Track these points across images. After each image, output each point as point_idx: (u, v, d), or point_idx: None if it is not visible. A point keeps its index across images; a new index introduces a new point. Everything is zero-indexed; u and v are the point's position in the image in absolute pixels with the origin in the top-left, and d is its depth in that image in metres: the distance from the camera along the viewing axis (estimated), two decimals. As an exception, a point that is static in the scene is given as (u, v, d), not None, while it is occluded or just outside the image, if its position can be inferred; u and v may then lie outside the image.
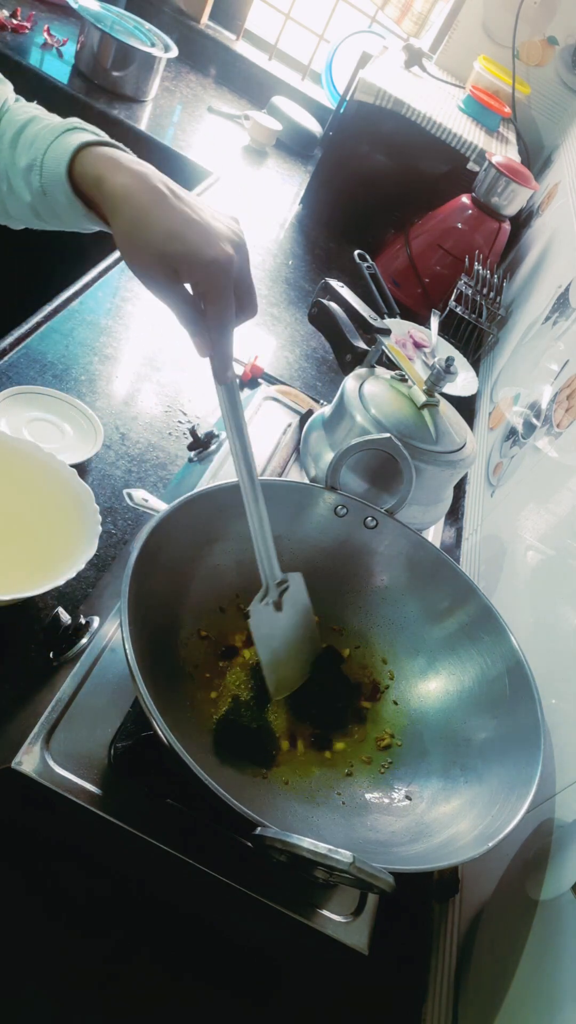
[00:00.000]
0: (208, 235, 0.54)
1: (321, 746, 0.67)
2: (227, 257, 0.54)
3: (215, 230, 0.55)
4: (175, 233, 0.53)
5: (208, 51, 2.22)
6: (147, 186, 0.55)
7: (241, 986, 0.63)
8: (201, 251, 0.53)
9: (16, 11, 1.85)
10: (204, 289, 0.55)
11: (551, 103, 2.02)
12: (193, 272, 0.54)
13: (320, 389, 1.32)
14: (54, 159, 0.58)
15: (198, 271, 0.54)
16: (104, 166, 0.56)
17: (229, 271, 0.54)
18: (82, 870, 0.62)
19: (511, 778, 0.59)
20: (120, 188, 0.55)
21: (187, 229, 0.54)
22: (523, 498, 1.01)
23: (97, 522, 0.74)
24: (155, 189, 0.55)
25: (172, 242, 0.53)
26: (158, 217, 0.54)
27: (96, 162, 0.57)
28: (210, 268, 0.54)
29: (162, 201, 0.54)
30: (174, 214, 0.54)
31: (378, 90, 1.60)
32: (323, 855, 0.44)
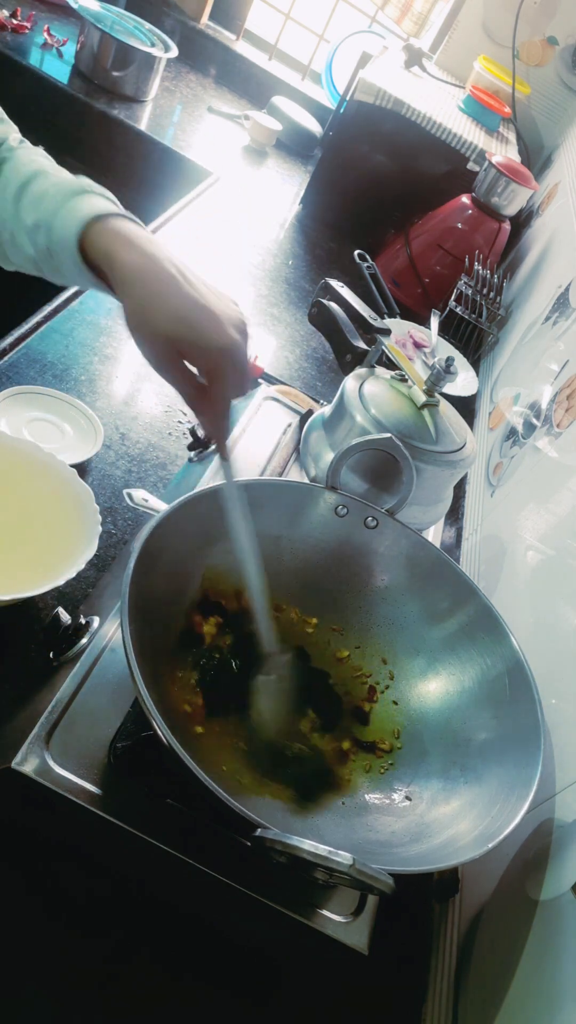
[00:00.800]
0: (215, 321, 0.55)
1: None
2: (234, 343, 0.56)
3: (222, 315, 0.56)
4: (185, 318, 0.54)
5: (208, 51, 2.22)
6: (158, 268, 0.55)
7: (241, 986, 0.63)
8: (209, 337, 0.55)
9: (16, 11, 1.85)
10: (209, 373, 0.57)
11: (551, 103, 2.02)
12: (199, 357, 0.56)
13: (320, 389, 1.32)
14: (64, 226, 0.58)
15: (204, 356, 0.56)
16: (116, 243, 0.57)
17: (235, 356, 0.56)
18: (82, 870, 0.62)
19: (511, 778, 0.59)
20: (131, 268, 0.55)
21: (196, 314, 0.55)
22: (523, 498, 1.01)
23: (97, 522, 0.74)
24: (165, 271, 0.55)
25: (181, 327, 0.54)
26: (167, 301, 0.54)
27: (108, 238, 0.57)
28: (217, 354, 0.55)
29: (172, 284, 0.55)
30: (183, 298, 0.55)
31: (378, 90, 1.60)
32: (323, 857, 0.44)
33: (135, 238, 0.57)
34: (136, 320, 0.56)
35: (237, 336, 0.56)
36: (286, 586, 0.75)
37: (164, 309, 0.55)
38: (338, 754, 0.68)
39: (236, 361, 0.56)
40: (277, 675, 0.67)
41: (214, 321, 0.55)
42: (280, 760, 0.65)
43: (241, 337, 0.57)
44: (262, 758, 0.64)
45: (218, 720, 0.64)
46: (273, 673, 0.67)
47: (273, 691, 0.67)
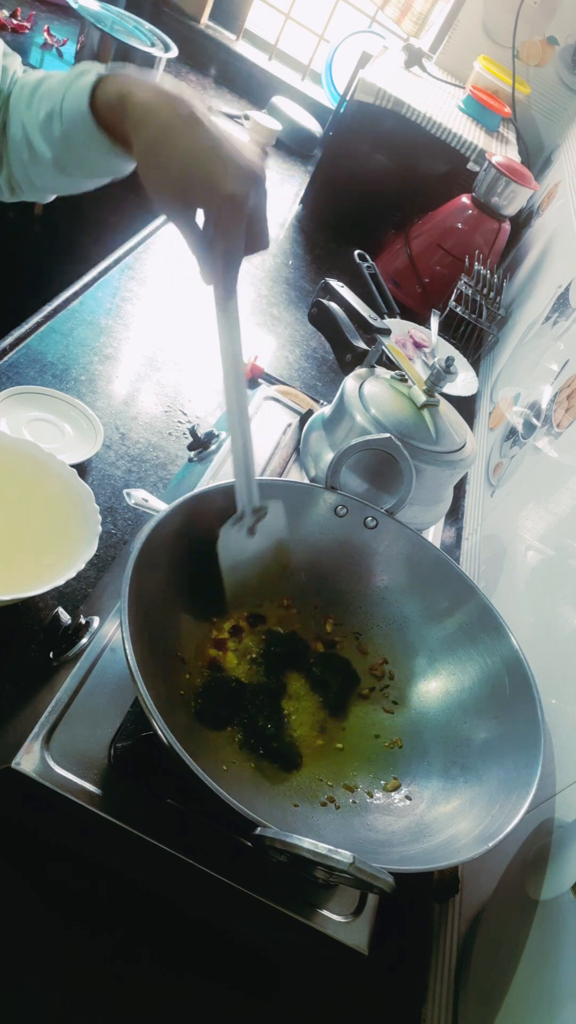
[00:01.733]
0: (228, 167, 0.53)
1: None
2: (243, 192, 0.53)
3: (236, 163, 0.53)
4: (196, 159, 0.52)
5: (208, 51, 2.22)
6: (175, 106, 0.53)
7: (241, 986, 0.63)
8: (219, 183, 0.52)
9: (16, 11, 1.85)
10: (217, 220, 0.54)
11: (551, 103, 2.02)
12: (208, 202, 0.53)
13: (320, 389, 1.32)
14: (73, 98, 0.56)
15: (213, 202, 0.53)
16: (129, 85, 0.55)
17: (243, 206, 0.54)
18: (82, 870, 0.62)
19: (511, 778, 0.59)
20: (146, 103, 0.53)
21: (208, 157, 0.52)
22: (523, 498, 1.01)
23: (97, 522, 0.74)
24: (181, 111, 0.53)
25: (192, 168, 0.52)
26: (181, 139, 0.52)
27: (120, 83, 0.55)
28: (225, 201, 0.53)
29: (187, 124, 0.52)
30: (198, 139, 0.52)
31: (378, 90, 1.60)
32: (323, 855, 0.44)
33: (150, 80, 0.55)
34: (146, 157, 0.53)
35: (248, 186, 0.53)
36: (286, 585, 0.75)
37: (176, 147, 0.52)
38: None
39: (245, 210, 0.54)
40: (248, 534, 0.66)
41: (226, 167, 0.53)
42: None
43: (254, 186, 0.54)
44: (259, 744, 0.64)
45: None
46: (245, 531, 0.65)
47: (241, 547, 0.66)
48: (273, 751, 0.64)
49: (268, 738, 0.64)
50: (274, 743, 0.64)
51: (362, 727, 0.70)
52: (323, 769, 0.66)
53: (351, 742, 0.69)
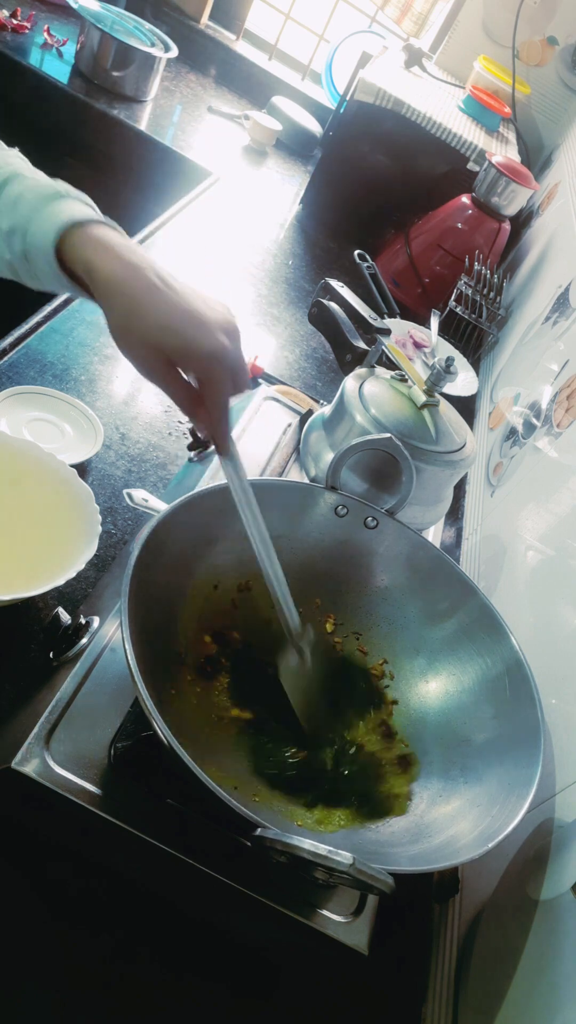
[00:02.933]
0: (202, 326, 0.54)
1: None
2: (222, 347, 0.54)
3: (209, 320, 0.55)
4: (169, 326, 0.53)
5: (208, 51, 2.22)
6: (139, 276, 0.54)
7: (241, 986, 0.63)
8: (197, 343, 0.54)
9: (16, 11, 1.85)
10: (201, 378, 0.56)
11: (551, 103, 2.02)
12: (189, 364, 0.55)
13: (320, 389, 1.32)
14: (40, 232, 0.57)
15: (194, 363, 0.55)
16: (95, 251, 0.55)
17: (225, 360, 0.55)
18: (82, 870, 0.62)
19: (511, 778, 0.59)
20: (111, 277, 0.54)
21: (181, 321, 0.54)
22: (523, 498, 1.01)
23: (97, 522, 0.74)
24: (146, 279, 0.54)
25: (167, 335, 0.54)
26: (151, 309, 0.53)
27: (86, 246, 0.56)
28: (206, 360, 0.54)
29: (154, 292, 0.54)
30: (167, 306, 0.54)
31: (378, 90, 1.60)
32: (323, 856, 0.44)
33: (114, 246, 0.56)
34: (120, 331, 0.55)
35: (225, 339, 0.55)
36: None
37: (147, 318, 0.53)
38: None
39: (228, 364, 0.55)
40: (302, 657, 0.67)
41: (200, 327, 0.54)
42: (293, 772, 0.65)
43: (230, 339, 0.55)
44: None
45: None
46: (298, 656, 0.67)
47: (301, 674, 0.67)
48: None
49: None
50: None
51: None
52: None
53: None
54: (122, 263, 0.55)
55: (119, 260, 0.55)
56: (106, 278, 0.54)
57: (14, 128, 1.75)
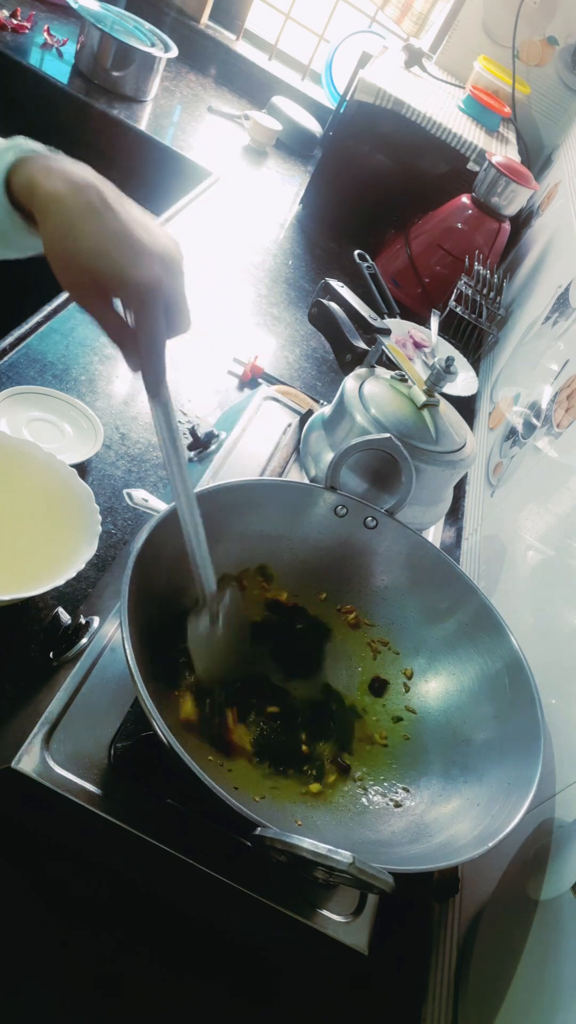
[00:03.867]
0: (137, 254, 0.52)
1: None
2: (155, 278, 0.52)
3: (145, 248, 0.53)
4: (101, 250, 0.52)
5: (208, 51, 2.22)
6: (80, 195, 0.52)
7: (241, 986, 0.63)
8: (126, 271, 0.52)
9: (16, 11, 1.85)
10: (131, 308, 0.54)
11: (551, 103, 2.02)
12: (119, 291, 0.53)
13: (320, 389, 1.32)
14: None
15: (123, 291, 0.53)
16: (39, 172, 0.54)
17: (156, 292, 0.53)
18: (82, 870, 0.62)
19: (511, 778, 0.59)
20: (51, 195, 0.52)
21: (115, 246, 0.52)
22: (523, 498, 1.01)
23: (97, 522, 0.74)
24: (87, 200, 0.52)
25: (98, 259, 0.52)
26: (86, 231, 0.52)
27: (32, 169, 0.54)
28: (136, 289, 0.52)
29: (93, 213, 0.52)
30: (103, 229, 0.52)
31: (378, 90, 1.60)
32: (323, 855, 0.44)
33: (61, 167, 0.54)
34: (53, 252, 0.53)
35: (161, 271, 0.53)
36: (286, 586, 0.75)
37: (81, 241, 0.51)
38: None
39: (162, 297, 0.53)
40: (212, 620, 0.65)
41: (136, 254, 0.52)
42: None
43: (167, 272, 0.53)
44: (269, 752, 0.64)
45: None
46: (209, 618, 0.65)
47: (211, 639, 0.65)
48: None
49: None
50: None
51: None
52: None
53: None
54: (65, 181, 0.53)
55: (63, 178, 0.53)
56: (45, 196, 0.52)
57: (14, 128, 1.75)
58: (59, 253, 0.53)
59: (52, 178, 0.53)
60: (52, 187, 0.53)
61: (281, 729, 0.66)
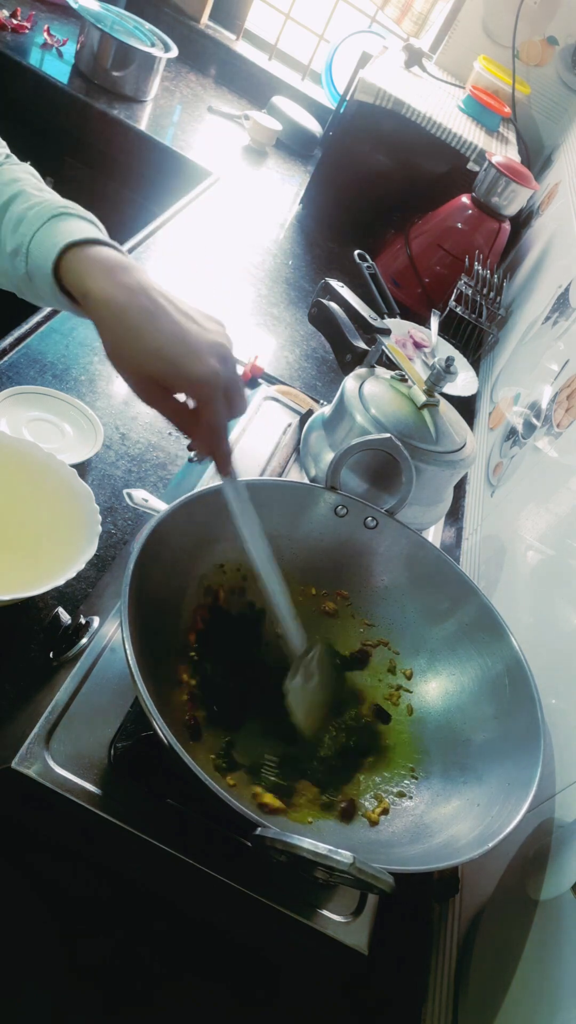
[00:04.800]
0: (194, 351, 0.54)
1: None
2: (213, 372, 0.55)
3: (200, 345, 0.55)
4: (160, 353, 0.54)
5: (208, 51, 2.22)
6: (132, 300, 0.54)
7: (241, 986, 0.63)
8: (188, 369, 0.54)
9: (16, 11, 1.85)
10: (197, 402, 0.56)
11: (551, 103, 2.02)
12: (183, 389, 0.55)
13: (320, 389, 1.32)
14: (40, 254, 0.57)
15: (186, 388, 0.55)
16: (89, 274, 0.55)
17: (217, 385, 0.55)
18: (82, 870, 0.62)
19: (511, 778, 0.59)
20: (104, 301, 0.54)
21: (172, 348, 0.54)
22: (523, 498, 1.01)
23: (97, 522, 0.74)
24: (139, 303, 0.54)
25: (157, 362, 0.54)
26: (141, 335, 0.54)
27: (82, 268, 0.56)
28: (197, 385, 0.55)
29: (146, 317, 0.54)
30: (158, 331, 0.54)
31: (378, 90, 1.60)
32: (323, 855, 0.44)
33: (111, 267, 0.55)
34: (113, 355, 0.55)
35: (216, 364, 0.55)
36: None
37: (138, 343, 0.54)
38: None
39: (222, 387, 0.56)
40: (308, 675, 0.67)
41: (192, 353, 0.54)
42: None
43: (222, 364, 0.56)
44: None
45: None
46: (303, 674, 0.67)
47: (306, 693, 0.67)
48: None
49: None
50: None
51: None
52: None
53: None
54: (116, 285, 0.54)
55: (113, 282, 0.55)
56: (99, 302, 0.54)
57: (14, 128, 1.75)
58: (118, 357, 0.55)
59: (104, 282, 0.55)
60: (105, 293, 0.54)
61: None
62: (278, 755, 0.64)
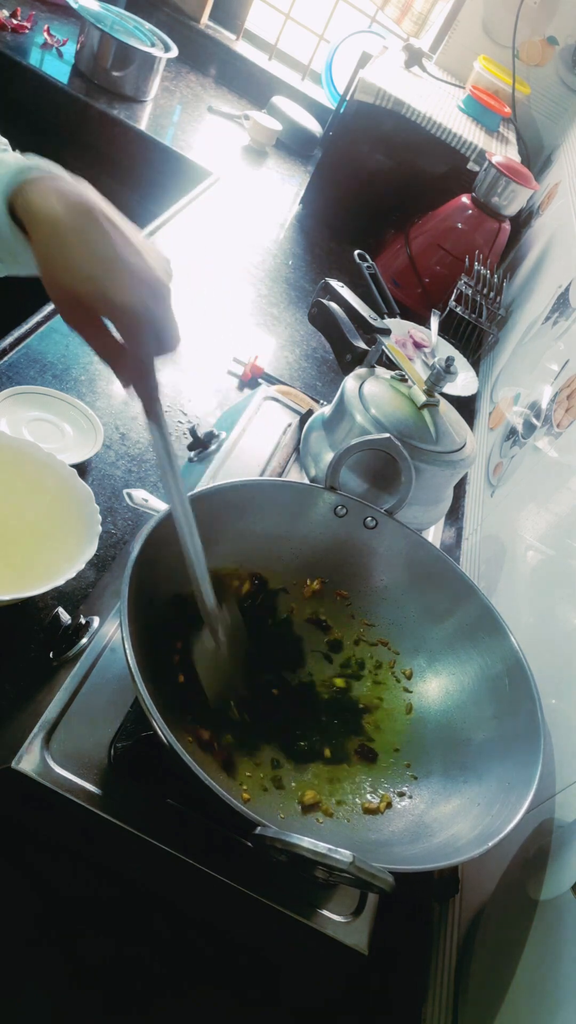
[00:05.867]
0: (125, 279, 0.53)
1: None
2: (141, 302, 0.53)
3: (134, 273, 0.53)
4: (90, 274, 0.52)
5: (208, 51, 2.22)
6: (73, 217, 0.53)
7: (241, 986, 0.63)
8: (114, 295, 0.52)
9: (16, 11, 1.85)
10: (122, 331, 0.54)
11: (551, 103, 2.02)
12: (106, 313, 0.54)
13: (320, 389, 1.32)
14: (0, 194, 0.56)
15: (111, 314, 0.53)
16: (37, 191, 0.54)
17: (143, 316, 0.53)
18: (82, 870, 0.62)
19: (511, 778, 0.59)
20: (45, 214, 0.53)
21: (104, 270, 0.52)
22: (523, 498, 1.01)
23: (97, 522, 0.74)
24: (79, 223, 0.53)
25: (86, 283, 0.52)
26: (76, 254, 0.52)
27: (33, 190, 0.54)
28: (123, 313, 0.53)
29: (84, 236, 0.52)
30: (93, 252, 0.52)
31: (378, 90, 1.60)
32: (323, 854, 0.44)
33: (57, 187, 0.54)
34: (43, 271, 0.53)
35: (146, 294, 0.53)
36: (285, 586, 0.75)
37: (69, 261, 0.52)
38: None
39: (149, 319, 0.53)
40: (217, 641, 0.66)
41: (124, 279, 0.52)
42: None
43: (154, 295, 0.53)
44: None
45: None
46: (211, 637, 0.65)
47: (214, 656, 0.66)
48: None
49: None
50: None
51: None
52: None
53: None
54: (59, 201, 0.53)
55: (57, 198, 0.53)
56: (39, 215, 0.53)
57: (14, 128, 1.75)
58: (49, 274, 0.53)
59: (48, 197, 0.53)
60: (46, 207, 0.53)
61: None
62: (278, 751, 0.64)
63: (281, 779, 0.63)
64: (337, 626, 0.76)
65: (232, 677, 0.67)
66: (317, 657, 0.74)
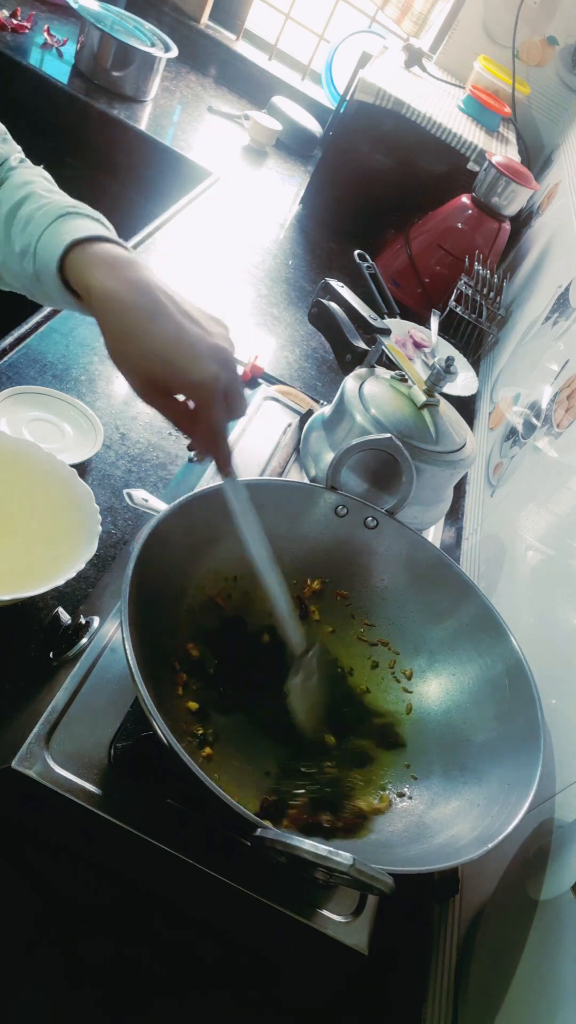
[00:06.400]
0: (194, 354, 0.54)
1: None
2: (213, 375, 0.54)
3: (201, 347, 0.54)
4: (158, 354, 0.53)
5: (208, 51, 2.22)
6: (133, 297, 0.53)
7: (241, 986, 0.63)
8: (187, 372, 0.54)
9: (16, 11, 1.85)
10: (196, 404, 0.56)
11: (551, 103, 2.02)
12: (181, 390, 0.55)
13: (320, 389, 1.32)
14: (47, 252, 0.56)
15: (185, 390, 0.55)
16: (92, 270, 0.55)
17: (216, 388, 0.55)
18: (82, 870, 0.62)
19: (511, 778, 0.59)
20: (107, 298, 0.54)
21: (171, 349, 0.53)
22: (523, 498, 1.01)
23: (97, 522, 0.74)
24: (140, 302, 0.53)
25: (158, 363, 0.53)
26: (141, 334, 0.53)
27: (86, 265, 0.55)
28: (197, 387, 0.54)
29: (147, 316, 0.53)
30: (160, 332, 0.53)
31: (378, 90, 1.60)
32: (323, 856, 0.44)
33: (114, 264, 0.55)
34: (115, 355, 0.55)
35: (217, 367, 0.54)
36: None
37: (139, 345, 0.53)
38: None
39: (221, 390, 0.55)
40: (307, 675, 0.67)
41: (192, 356, 0.54)
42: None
43: (221, 367, 0.55)
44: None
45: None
46: (303, 674, 0.67)
47: (306, 692, 0.67)
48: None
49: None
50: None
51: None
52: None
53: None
54: (118, 281, 0.54)
55: (116, 278, 0.54)
56: (101, 298, 0.54)
57: (14, 128, 1.75)
58: (118, 355, 0.55)
59: (106, 279, 0.54)
60: (107, 290, 0.54)
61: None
62: (278, 759, 0.64)
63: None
64: (337, 626, 0.76)
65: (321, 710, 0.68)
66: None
